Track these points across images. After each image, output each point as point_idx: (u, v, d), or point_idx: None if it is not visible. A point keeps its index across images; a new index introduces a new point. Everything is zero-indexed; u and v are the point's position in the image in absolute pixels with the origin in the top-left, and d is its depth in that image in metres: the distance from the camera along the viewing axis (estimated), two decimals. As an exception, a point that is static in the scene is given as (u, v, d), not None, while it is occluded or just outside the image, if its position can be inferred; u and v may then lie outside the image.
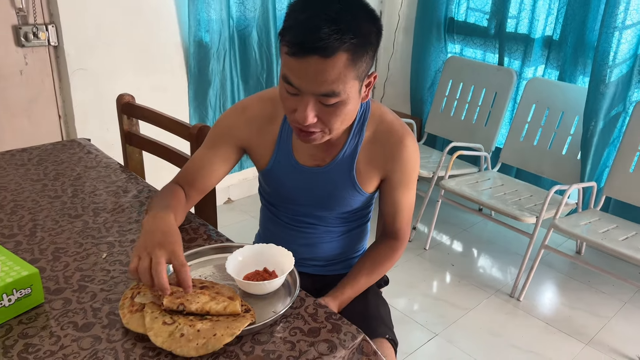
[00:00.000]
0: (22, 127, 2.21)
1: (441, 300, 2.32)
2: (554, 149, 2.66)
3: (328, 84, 0.90)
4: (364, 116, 1.12)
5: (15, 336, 0.83)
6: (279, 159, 1.16)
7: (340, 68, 0.89)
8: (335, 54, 0.88)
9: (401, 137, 1.11)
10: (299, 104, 0.95)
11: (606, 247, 2.08)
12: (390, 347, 1.13)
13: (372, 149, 1.12)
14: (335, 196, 1.16)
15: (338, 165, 1.13)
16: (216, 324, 0.83)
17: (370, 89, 1.02)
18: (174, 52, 2.55)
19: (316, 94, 0.92)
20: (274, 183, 1.21)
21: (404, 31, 3.42)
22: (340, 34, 0.87)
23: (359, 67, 0.92)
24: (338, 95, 0.92)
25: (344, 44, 0.87)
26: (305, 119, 0.94)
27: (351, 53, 0.89)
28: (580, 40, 2.59)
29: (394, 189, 1.15)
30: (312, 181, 1.16)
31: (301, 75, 0.91)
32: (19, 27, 2.08)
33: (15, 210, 1.22)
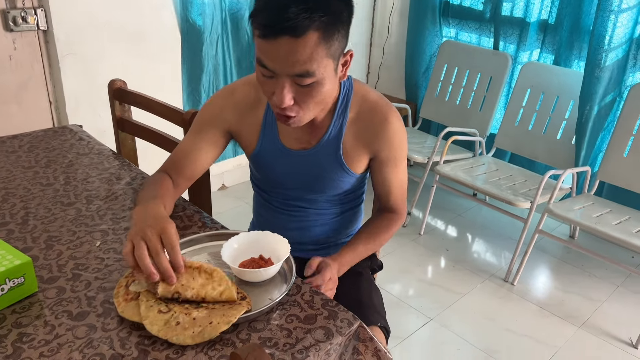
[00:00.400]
0: (12, 114, 2.18)
1: (436, 285, 2.34)
2: (548, 134, 2.66)
3: (301, 63, 0.90)
4: (347, 96, 1.11)
5: (9, 325, 0.83)
6: (265, 143, 1.16)
7: (311, 47, 0.89)
8: (305, 33, 0.87)
9: (385, 114, 1.11)
10: (275, 86, 0.94)
11: (599, 231, 2.09)
12: (382, 335, 1.14)
13: (357, 129, 1.11)
14: (323, 178, 1.16)
15: (324, 147, 1.13)
16: (212, 312, 0.83)
17: (347, 67, 1.01)
18: (166, 37, 2.51)
19: (290, 75, 0.92)
20: (262, 168, 1.21)
21: (399, 15, 3.38)
22: (309, 12, 0.86)
23: (330, 45, 0.91)
24: (313, 75, 0.92)
25: (313, 22, 0.87)
26: (282, 100, 0.94)
27: (322, 31, 0.89)
28: (576, 24, 2.57)
29: (383, 168, 1.16)
30: (299, 164, 1.15)
31: (273, 57, 0.90)
32: (7, 11, 2.03)
33: (7, 198, 1.21)
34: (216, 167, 2.95)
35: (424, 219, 2.75)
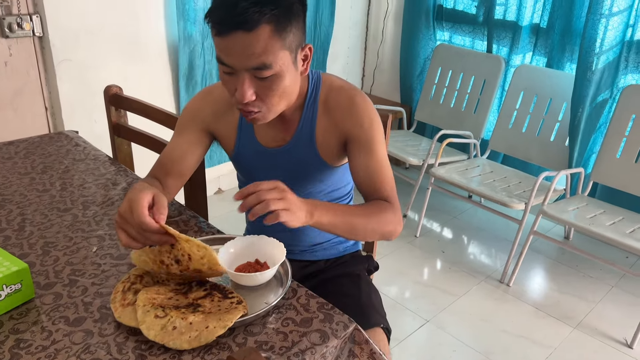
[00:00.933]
0: (8, 120, 2.18)
1: (432, 287, 2.35)
2: (542, 136, 2.68)
3: (256, 56, 0.92)
4: (316, 89, 1.13)
5: (6, 332, 0.83)
6: (243, 144, 1.18)
7: (265, 40, 0.91)
8: (257, 27, 0.89)
9: (350, 95, 1.11)
10: (236, 82, 0.96)
11: (593, 232, 2.10)
12: (384, 336, 1.15)
13: (327, 118, 1.12)
14: (302, 173, 1.17)
15: (298, 141, 1.14)
16: (208, 316, 0.84)
17: (308, 62, 1.03)
18: (161, 43, 2.52)
19: (248, 69, 0.94)
20: (243, 168, 1.24)
21: (393, 19, 3.40)
22: (259, 6, 0.88)
23: (284, 37, 0.93)
24: (270, 67, 0.94)
25: (264, 15, 0.89)
26: (244, 95, 0.95)
27: (274, 24, 0.91)
28: (567, 27, 2.60)
29: (357, 151, 1.10)
30: (277, 162, 1.17)
31: (230, 52, 0.92)
32: (3, 18, 2.04)
33: (3, 204, 1.21)
34: (212, 171, 2.96)
35: (420, 221, 2.76)
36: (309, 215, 0.94)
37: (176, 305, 0.86)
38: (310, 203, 0.96)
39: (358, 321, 0.90)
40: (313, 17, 3.03)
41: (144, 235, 0.88)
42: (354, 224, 1.03)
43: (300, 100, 1.12)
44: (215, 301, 0.88)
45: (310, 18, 3.02)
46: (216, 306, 0.87)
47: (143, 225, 0.87)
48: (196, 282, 0.95)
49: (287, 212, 0.88)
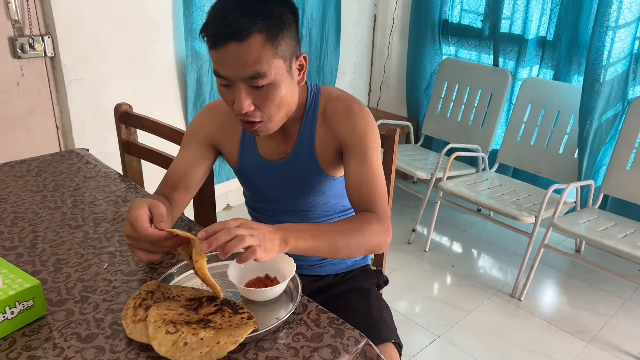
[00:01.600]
0: (20, 139, 2.21)
1: (442, 302, 2.33)
2: (550, 148, 2.67)
3: (250, 66, 0.93)
4: (315, 100, 1.14)
5: (18, 349, 0.83)
6: (245, 157, 1.20)
7: (257, 49, 0.93)
8: (249, 36, 0.91)
9: (348, 104, 1.12)
10: (234, 94, 0.98)
11: (605, 245, 2.08)
12: (396, 351, 1.14)
13: (325, 127, 1.13)
14: (304, 185, 1.18)
15: (298, 153, 1.15)
16: (219, 332, 0.84)
17: (304, 72, 1.05)
18: (170, 61, 2.55)
19: (243, 79, 0.95)
20: (247, 183, 1.25)
21: (399, 34, 3.43)
22: (250, 17, 0.91)
23: (277, 46, 0.95)
24: (265, 76, 0.95)
25: (254, 25, 0.91)
26: (241, 106, 0.97)
27: (265, 34, 0.93)
28: (574, 40, 2.60)
29: (350, 158, 1.08)
30: (279, 175, 1.18)
31: (224, 63, 0.94)
32: (15, 39, 2.08)
33: (16, 222, 1.22)
34: (221, 187, 2.97)
35: (429, 235, 2.75)
36: (283, 244, 0.90)
37: (187, 321, 0.86)
38: (282, 229, 0.91)
39: (369, 336, 0.90)
40: (319, 34, 3.06)
41: (158, 246, 0.92)
42: (335, 242, 0.97)
43: (300, 112, 1.13)
44: (226, 317, 0.88)
45: (317, 35, 3.05)
46: (227, 322, 0.87)
47: (150, 238, 0.90)
48: (206, 297, 0.95)
49: (260, 248, 0.84)
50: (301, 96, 1.12)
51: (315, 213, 1.23)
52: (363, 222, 1.02)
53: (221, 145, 1.22)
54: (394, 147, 1.36)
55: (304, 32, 2.98)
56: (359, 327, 0.91)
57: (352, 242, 0.99)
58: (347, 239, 0.98)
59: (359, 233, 1.00)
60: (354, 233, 0.99)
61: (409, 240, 2.81)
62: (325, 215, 1.24)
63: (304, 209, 1.22)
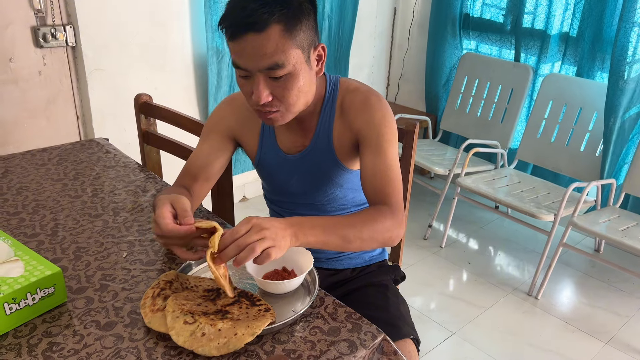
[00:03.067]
0: (41, 128, 2.24)
1: (458, 299, 2.31)
2: (571, 146, 2.63)
3: (268, 56, 0.93)
4: (334, 93, 1.13)
5: (39, 335, 0.85)
6: (265, 150, 1.20)
7: (276, 39, 0.92)
8: (267, 27, 0.91)
9: (365, 96, 1.11)
10: (252, 85, 0.98)
11: (627, 245, 2.05)
12: (414, 347, 1.14)
13: (342, 119, 1.13)
14: (322, 178, 1.17)
15: (316, 145, 1.15)
16: (237, 323, 0.84)
17: (323, 62, 1.04)
18: (190, 52, 2.56)
19: (262, 70, 0.95)
20: (266, 175, 1.26)
21: (419, 28, 3.39)
22: (268, 7, 0.90)
23: (295, 36, 0.94)
24: (283, 67, 0.95)
25: (273, 15, 0.91)
26: (260, 96, 0.97)
27: (284, 24, 0.92)
28: (598, 36, 2.55)
29: (365, 150, 1.07)
30: (298, 167, 1.18)
31: (243, 54, 0.94)
32: (38, 28, 2.10)
33: (37, 209, 1.24)
34: (237, 179, 2.98)
35: (445, 231, 2.73)
36: (294, 239, 0.89)
37: (205, 312, 0.86)
38: (294, 225, 0.90)
39: (388, 332, 0.89)
40: (338, 26, 3.04)
41: (190, 241, 0.94)
42: (347, 236, 0.95)
43: (319, 105, 1.13)
44: (244, 308, 0.89)
45: (334, 28, 3.03)
46: (244, 313, 0.87)
47: (175, 234, 0.91)
48: (224, 289, 0.95)
49: (274, 248, 0.84)
50: (320, 88, 1.12)
51: (332, 206, 1.23)
52: (375, 215, 1.00)
53: (241, 137, 1.22)
54: (413, 141, 1.34)
55: (324, 25, 2.96)
56: (377, 323, 0.91)
57: (363, 235, 0.97)
58: (359, 233, 0.96)
59: (370, 226, 0.98)
60: (366, 226, 0.97)
61: (425, 236, 2.79)
62: (342, 208, 1.24)
63: (322, 202, 1.22)
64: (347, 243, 0.96)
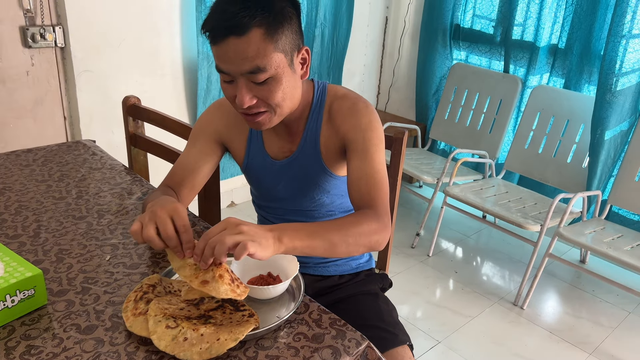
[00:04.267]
0: (27, 128, 2.22)
1: (444, 308, 2.31)
2: (558, 157, 2.65)
3: (250, 60, 0.93)
4: (321, 99, 1.13)
5: (17, 337, 0.83)
6: (252, 155, 1.20)
7: (257, 43, 0.92)
8: (248, 31, 0.91)
9: (353, 102, 1.11)
10: (235, 89, 0.98)
11: (611, 256, 2.06)
12: (410, 353, 1.15)
13: (330, 125, 1.12)
14: (309, 183, 1.17)
15: (303, 150, 1.14)
16: (220, 329, 0.83)
17: (307, 66, 1.04)
18: (180, 56, 2.55)
19: (244, 74, 0.95)
20: (253, 180, 1.25)
21: (410, 37, 3.42)
22: (249, 11, 0.90)
23: (277, 39, 0.94)
24: (265, 70, 0.94)
25: (254, 19, 0.90)
26: (242, 100, 0.97)
27: (265, 27, 0.92)
28: (586, 49, 2.58)
29: (352, 153, 1.06)
30: (285, 173, 1.18)
31: (225, 58, 0.94)
32: (26, 28, 2.08)
33: (20, 210, 1.22)
34: (225, 184, 2.97)
35: (433, 240, 2.74)
36: (278, 242, 0.85)
37: (188, 316, 0.85)
38: (276, 229, 0.86)
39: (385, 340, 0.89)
40: (331, 34, 3.05)
41: None
42: (332, 240, 0.91)
43: (306, 110, 1.13)
44: (227, 313, 0.88)
45: (327, 36, 3.04)
46: (228, 318, 0.86)
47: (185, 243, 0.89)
48: (208, 293, 0.94)
49: (253, 243, 0.80)
50: (307, 94, 1.12)
51: (320, 212, 1.22)
52: (360, 219, 0.97)
53: (229, 142, 1.22)
54: (401, 149, 1.35)
55: (316, 32, 2.97)
56: (374, 331, 0.91)
57: (349, 239, 0.93)
58: (344, 237, 0.93)
59: (356, 230, 0.95)
60: (351, 230, 0.94)
61: (413, 245, 2.80)
62: (330, 214, 1.23)
63: (309, 209, 1.22)
64: (333, 247, 0.92)
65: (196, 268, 0.86)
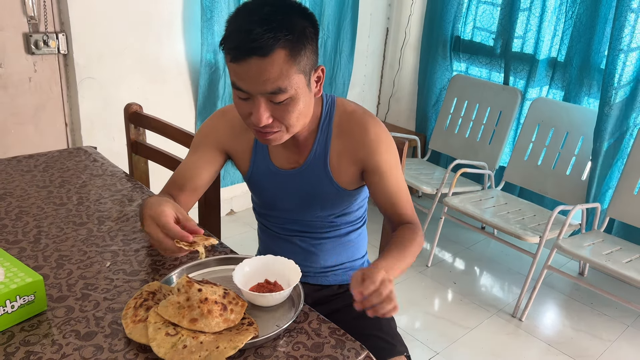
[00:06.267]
0: (29, 135, 2.22)
1: (443, 319, 2.31)
2: (557, 169, 2.66)
3: (272, 81, 0.93)
4: (330, 112, 1.14)
5: (17, 343, 0.83)
6: (257, 164, 1.19)
7: (280, 64, 0.92)
8: (272, 52, 0.90)
9: (364, 123, 1.12)
10: (252, 107, 0.97)
11: (610, 269, 2.07)
12: None
13: (341, 142, 1.13)
14: (314, 196, 1.17)
15: (312, 163, 1.14)
16: (219, 337, 0.83)
17: (321, 83, 1.05)
18: (182, 64, 2.57)
19: (264, 94, 0.95)
20: (257, 190, 1.25)
21: (411, 48, 3.44)
22: (274, 32, 0.89)
23: (299, 61, 0.94)
24: (286, 92, 0.95)
25: (278, 41, 0.90)
26: (260, 119, 0.96)
27: (289, 49, 0.92)
28: (586, 62, 2.60)
29: (376, 177, 1.12)
30: (291, 184, 1.17)
31: (245, 77, 0.93)
32: (30, 35, 2.10)
33: (20, 216, 1.22)
34: (225, 192, 2.97)
35: (432, 250, 2.74)
36: None
37: (187, 324, 0.85)
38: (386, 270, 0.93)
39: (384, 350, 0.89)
40: (334, 45, 3.07)
41: None
42: (409, 261, 1.05)
43: (315, 124, 1.13)
44: (227, 321, 0.88)
45: (331, 46, 3.06)
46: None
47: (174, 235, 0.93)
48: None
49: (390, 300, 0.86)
50: (316, 108, 1.12)
51: (322, 223, 1.23)
52: (413, 236, 1.08)
53: (232, 150, 1.21)
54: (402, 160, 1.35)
55: (319, 43, 2.98)
56: (372, 341, 0.91)
57: (415, 253, 1.07)
58: (413, 254, 1.06)
59: (416, 246, 1.07)
60: (415, 247, 1.07)
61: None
62: (331, 226, 1.24)
63: (312, 220, 1.22)
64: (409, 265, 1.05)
65: (179, 307, 0.86)
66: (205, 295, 0.86)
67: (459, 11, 3.08)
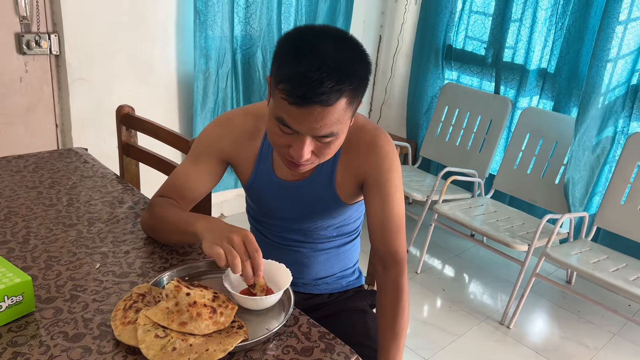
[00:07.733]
0: (19, 135, 2.21)
1: (431, 325, 2.31)
2: (546, 178, 2.69)
3: (328, 127, 0.92)
4: None
5: (4, 344, 0.82)
6: (260, 174, 1.17)
7: (339, 112, 0.91)
8: (336, 102, 0.90)
9: (373, 137, 1.10)
10: (294, 141, 0.95)
11: (597, 277, 2.09)
12: None
13: (348, 157, 1.12)
14: (316, 208, 1.17)
15: (318, 178, 1.13)
16: (209, 339, 0.83)
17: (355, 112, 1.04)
18: (175, 67, 2.56)
19: (315, 136, 0.94)
20: (256, 198, 1.23)
21: (403, 56, 3.46)
22: (342, 84, 0.88)
23: (356, 106, 0.95)
24: (337, 135, 0.95)
25: (343, 93, 0.90)
26: (302, 156, 0.96)
27: (349, 97, 0.92)
28: (574, 73, 2.64)
29: (373, 194, 1.10)
30: (293, 195, 1.16)
31: (302, 121, 0.91)
32: (22, 35, 2.09)
33: (9, 216, 1.21)
34: (216, 196, 2.96)
35: (421, 257, 2.75)
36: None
37: (177, 327, 0.85)
38: None
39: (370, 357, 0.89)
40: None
41: None
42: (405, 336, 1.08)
43: None
44: (217, 324, 0.87)
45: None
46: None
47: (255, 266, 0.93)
48: (198, 304, 0.94)
49: None
50: None
51: (319, 234, 1.22)
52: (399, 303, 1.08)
53: (234, 160, 1.19)
54: (393, 165, 1.36)
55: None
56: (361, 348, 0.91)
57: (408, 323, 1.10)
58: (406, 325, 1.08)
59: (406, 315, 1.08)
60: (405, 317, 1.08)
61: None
62: (329, 237, 1.24)
63: (310, 230, 1.21)
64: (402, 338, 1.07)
65: (169, 312, 0.85)
66: (193, 299, 0.86)
67: (451, 20, 3.11)
